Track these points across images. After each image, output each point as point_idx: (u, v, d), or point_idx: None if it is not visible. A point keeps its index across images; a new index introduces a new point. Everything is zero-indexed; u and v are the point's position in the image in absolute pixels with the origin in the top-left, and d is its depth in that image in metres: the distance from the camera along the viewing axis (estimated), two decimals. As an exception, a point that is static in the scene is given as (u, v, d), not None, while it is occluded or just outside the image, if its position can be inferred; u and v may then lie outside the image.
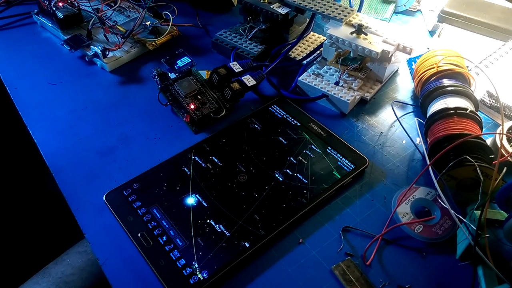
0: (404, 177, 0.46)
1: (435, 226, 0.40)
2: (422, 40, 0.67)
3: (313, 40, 0.64)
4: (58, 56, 0.63)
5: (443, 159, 0.41)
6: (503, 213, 0.36)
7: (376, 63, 0.55)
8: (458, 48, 0.54)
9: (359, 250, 0.39)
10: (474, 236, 0.35)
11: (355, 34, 0.53)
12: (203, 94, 0.53)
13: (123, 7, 0.70)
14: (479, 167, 0.38)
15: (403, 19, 0.72)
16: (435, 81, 0.50)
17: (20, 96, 0.56)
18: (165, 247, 0.39)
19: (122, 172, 0.46)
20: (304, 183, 0.44)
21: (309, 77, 0.56)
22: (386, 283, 0.37)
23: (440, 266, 0.39)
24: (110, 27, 0.62)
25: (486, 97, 0.53)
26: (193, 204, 0.42)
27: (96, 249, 0.40)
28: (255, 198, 0.43)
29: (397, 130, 0.52)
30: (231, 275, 0.38)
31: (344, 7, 0.56)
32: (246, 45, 0.61)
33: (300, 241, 0.40)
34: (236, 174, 0.45)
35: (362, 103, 0.55)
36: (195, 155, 0.47)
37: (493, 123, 0.53)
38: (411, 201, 0.43)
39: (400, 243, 0.40)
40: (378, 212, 0.43)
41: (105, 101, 0.55)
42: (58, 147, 0.49)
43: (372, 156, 0.48)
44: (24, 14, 0.70)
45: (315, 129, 0.50)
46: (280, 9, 0.59)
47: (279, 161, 0.46)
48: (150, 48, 0.61)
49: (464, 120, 0.44)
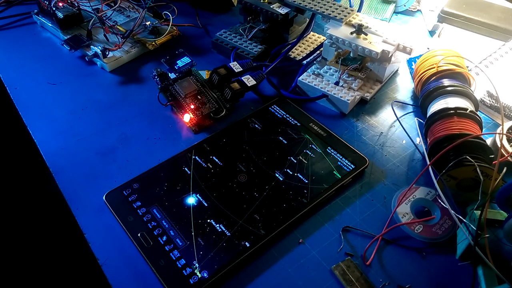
0: (404, 177, 0.46)
1: (435, 226, 0.41)
2: (422, 40, 0.67)
3: (313, 40, 0.64)
4: (58, 56, 0.63)
5: (443, 159, 0.41)
6: (503, 213, 0.36)
7: (376, 63, 0.55)
8: (458, 48, 0.54)
9: (359, 250, 0.39)
10: (474, 236, 0.35)
11: (355, 34, 0.53)
12: (203, 94, 0.53)
13: (123, 7, 0.70)
14: (479, 167, 0.38)
15: (403, 19, 0.72)
16: (435, 81, 0.50)
17: (20, 96, 0.56)
18: (165, 247, 0.38)
19: (122, 172, 0.46)
20: (305, 183, 0.44)
21: (309, 77, 0.56)
22: (386, 283, 0.37)
23: (440, 266, 0.39)
24: (110, 27, 0.62)
25: (486, 97, 0.53)
26: (193, 204, 0.42)
27: (96, 249, 0.40)
28: (255, 198, 0.43)
29: (397, 130, 0.52)
30: (231, 275, 0.38)
31: (344, 7, 0.56)
32: (246, 45, 0.61)
33: (300, 241, 0.40)
34: (236, 174, 0.45)
35: (362, 103, 0.55)
36: (195, 155, 0.47)
37: (493, 123, 0.53)
38: (411, 201, 0.43)
39: (400, 243, 0.40)
40: (378, 212, 0.43)
41: (105, 101, 0.55)
42: (58, 147, 0.49)
43: (372, 156, 0.48)
44: (24, 14, 0.70)
45: (315, 129, 0.50)
46: (280, 9, 0.59)
47: (280, 161, 0.46)
48: (150, 48, 0.61)
49: (464, 120, 0.44)
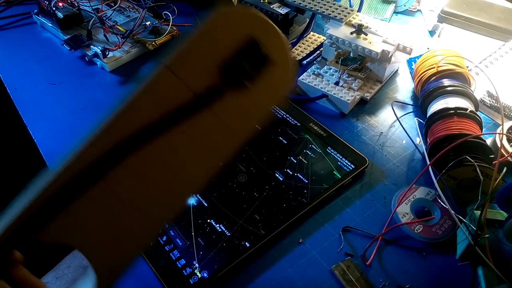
0: (404, 177, 0.46)
1: (435, 226, 0.41)
2: (422, 40, 0.67)
3: (313, 40, 0.64)
4: (58, 56, 0.63)
5: (443, 159, 0.41)
6: (503, 213, 0.36)
7: (376, 63, 0.55)
8: (458, 48, 0.54)
9: (359, 250, 0.39)
10: (474, 236, 0.35)
11: (355, 34, 0.53)
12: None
13: (123, 7, 0.70)
14: (479, 167, 0.38)
15: (403, 19, 0.72)
16: (435, 81, 0.50)
17: (20, 96, 0.56)
18: (165, 247, 0.39)
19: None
20: (305, 182, 0.44)
21: (309, 77, 0.56)
22: (386, 283, 0.37)
23: (440, 266, 0.39)
24: (110, 27, 0.62)
25: (486, 97, 0.53)
26: (193, 204, 0.42)
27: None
28: (255, 198, 0.43)
29: (397, 130, 0.52)
30: (231, 275, 0.38)
31: (344, 7, 0.56)
32: (246, 45, 0.61)
33: (300, 241, 0.40)
34: (236, 174, 0.45)
35: (362, 103, 0.55)
36: (195, 155, 0.47)
37: (493, 123, 0.53)
38: (411, 201, 0.43)
39: (400, 243, 0.40)
40: (378, 212, 0.43)
41: (105, 101, 0.55)
42: (58, 147, 0.49)
43: (372, 156, 0.48)
44: (24, 14, 0.70)
45: (315, 129, 0.50)
46: (280, 9, 0.59)
47: (280, 161, 0.46)
48: (150, 48, 0.61)
49: (464, 120, 0.44)
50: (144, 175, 0.26)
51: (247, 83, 0.27)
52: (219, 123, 0.27)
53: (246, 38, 0.26)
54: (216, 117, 0.27)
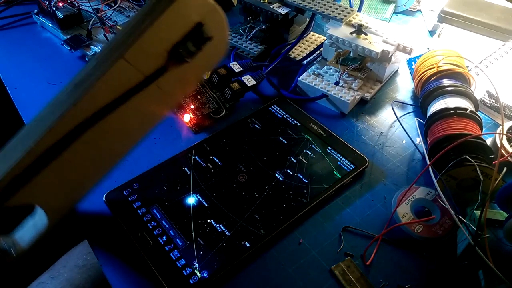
0: (404, 177, 0.46)
1: (435, 226, 0.41)
2: (422, 40, 0.67)
3: (313, 40, 0.64)
4: (58, 56, 0.63)
5: (443, 159, 0.41)
6: (503, 213, 0.36)
7: (376, 63, 0.55)
8: (458, 48, 0.54)
9: (359, 250, 0.39)
10: (474, 236, 0.35)
11: (355, 34, 0.53)
12: (203, 94, 0.53)
13: (123, 7, 0.70)
14: (479, 167, 0.38)
15: (403, 19, 0.72)
16: (435, 81, 0.50)
17: (20, 96, 0.56)
18: (165, 247, 0.39)
19: (122, 172, 0.46)
20: (305, 182, 0.44)
21: (309, 77, 0.56)
22: (386, 283, 0.37)
23: (440, 266, 0.39)
24: (110, 27, 0.62)
25: (486, 97, 0.53)
26: (193, 204, 0.42)
27: (96, 249, 0.40)
28: (255, 198, 0.43)
29: (397, 130, 0.52)
30: (231, 275, 0.38)
31: (344, 7, 0.56)
32: (246, 45, 0.61)
33: (300, 241, 0.40)
34: (236, 174, 0.45)
35: (362, 103, 0.55)
36: (195, 155, 0.47)
37: (493, 123, 0.53)
38: (411, 201, 0.43)
39: (400, 243, 0.40)
40: (378, 212, 0.43)
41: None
42: (58, 147, 0.49)
43: (372, 156, 0.48)
44: (24, 14, 0.70)
45: (315, 129, 0.50)
46: (280, 9, 0.59)
47: (280, 161, 0.46)
48: (150, 48, 0.61)
49: (464, 120, 0.44)
50: (96, 144, 0.32)
51: (187, 59, 0.31)
52: (159, 92, 0.32)
53: (194, 23, 0.30)
54: (158, 87, 0.32)
